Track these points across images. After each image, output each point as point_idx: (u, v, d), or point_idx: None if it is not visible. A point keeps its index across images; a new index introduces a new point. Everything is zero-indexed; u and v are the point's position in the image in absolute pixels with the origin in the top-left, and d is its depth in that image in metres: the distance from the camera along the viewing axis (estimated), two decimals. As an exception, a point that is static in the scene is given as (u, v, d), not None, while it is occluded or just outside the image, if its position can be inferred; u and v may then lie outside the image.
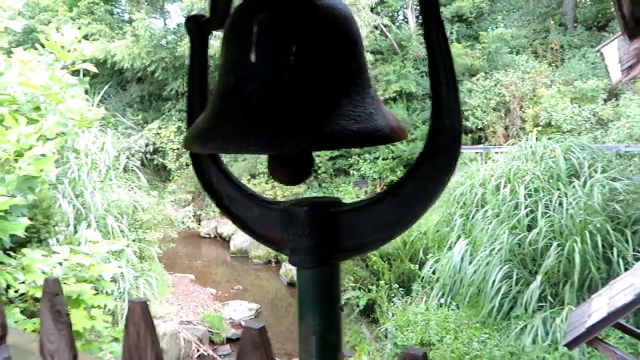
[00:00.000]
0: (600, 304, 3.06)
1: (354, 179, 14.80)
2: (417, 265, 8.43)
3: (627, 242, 6.70)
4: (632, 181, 7.61)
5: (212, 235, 15.29)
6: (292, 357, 8.07)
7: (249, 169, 14.85)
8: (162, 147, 17.26)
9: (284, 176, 0.75)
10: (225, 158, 16.31)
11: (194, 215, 14.19)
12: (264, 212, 0.83)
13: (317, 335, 0.77)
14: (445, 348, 6.59)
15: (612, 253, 6.62)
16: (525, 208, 7.45)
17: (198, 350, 8.21)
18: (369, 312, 8.29)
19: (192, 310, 9.55)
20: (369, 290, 8.18)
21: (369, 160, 14.65)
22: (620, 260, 6.43)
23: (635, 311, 6.37)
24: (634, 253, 6.45)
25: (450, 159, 0.73)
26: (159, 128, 17.40)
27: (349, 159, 15.21)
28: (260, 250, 13.70)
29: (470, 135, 14.29)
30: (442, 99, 0.72)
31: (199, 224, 15.60)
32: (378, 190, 13.75)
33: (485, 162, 9.89)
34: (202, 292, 10.64)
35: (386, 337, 7.38)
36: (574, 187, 7.46)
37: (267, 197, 0.87)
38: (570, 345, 2.95)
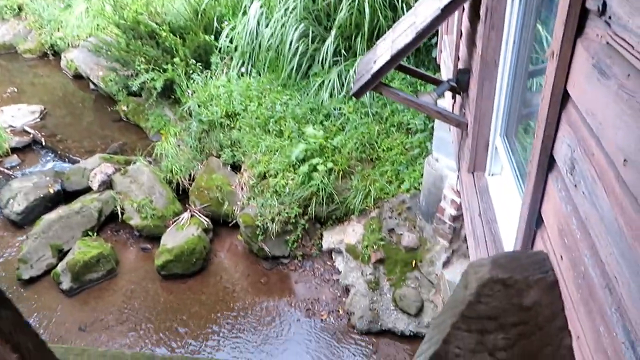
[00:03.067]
0: (385, 48, 3.05)
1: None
2: (213, 36, 7.84)
3: (409, -14, 6.87)
4: None
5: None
6: (94, 152, 7.52)
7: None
8: None
9: None
10: None
11: None
12: None
13: None
14: (250, 116, 6.62)
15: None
16: (316, -40, 7.01)
17: (-24, 168, 7.13)
18: (168, 93, 7.78)
19: (-46, 125, 8.00)
20: (165, 70, 7.53)
21: None
22: (404, 6, 6.65)
23: (415, 52, 6.93)
24: (415, -3, 6.67)
25: None
26: None
27: None
28: (30, 42, 11.54)
29: None
30: None
31: None
32: None
33: None
34: (-38, 102, 8.86)
35: (190, 115, 7.12)
36: None
37: None
38: (357, 94, 2.97)
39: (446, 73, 4.35)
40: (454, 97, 3.75)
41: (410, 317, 5.12)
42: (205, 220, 6.25)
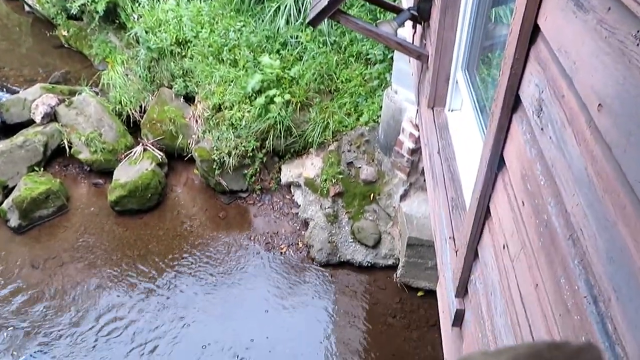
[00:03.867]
0: (344, -28, 2.83)
1: None
2: (159, -46, 7.22)
3: None
4: None
5: None
6: (34, 82, 7.02)
7: None
8: None
9: None
10: None
11: None
12: None
13: None
14: (202, 43, 6.26)
15: None
16: None
17: None
18: (112, 17, 7.22)
19: None
20: (107, -8, 6.94)
21: None
22: None
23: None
24: None
25: None
26: None
27: None
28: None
29: None
30: None
31: None
32: None
33: None
34: None
35: (138, 42, 6.66)
36: None
37: None
38: (314, 22, 2.77)
39: (407, 0, 4.15)
40: (414, 27, 3.59)
41: (368, 249, 5.21)
42: (159, 154, 6.03)
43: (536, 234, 1.18)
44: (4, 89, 7.17)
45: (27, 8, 8.93)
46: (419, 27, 3.50)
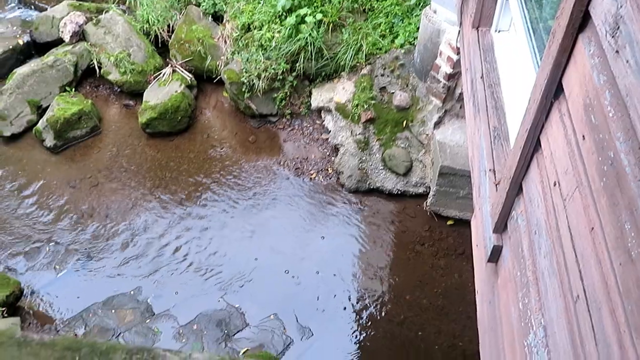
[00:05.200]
0: None
1: None
2: None
3: None
4: None
5: None
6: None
7: None
8: None
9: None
10: None
11: None
12: None
13: None
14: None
15: None
16: None
17: None
18: None
19: None
20: None
21: None
22: None
23: None
24: None
25: None
26: None
27: None
28: None
29: None
30: None
31: None
32: None
33: None
34: None
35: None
36: None
37: None
38: None
39: None
40: (461, -64, 3.26)
41: (399, 177, 5.13)
42: (188, 76, 5.92)
43: (597, 173, 1.06)
44: (32, 6, 7.04)
45: None
46: (466, -63, 3.17)
